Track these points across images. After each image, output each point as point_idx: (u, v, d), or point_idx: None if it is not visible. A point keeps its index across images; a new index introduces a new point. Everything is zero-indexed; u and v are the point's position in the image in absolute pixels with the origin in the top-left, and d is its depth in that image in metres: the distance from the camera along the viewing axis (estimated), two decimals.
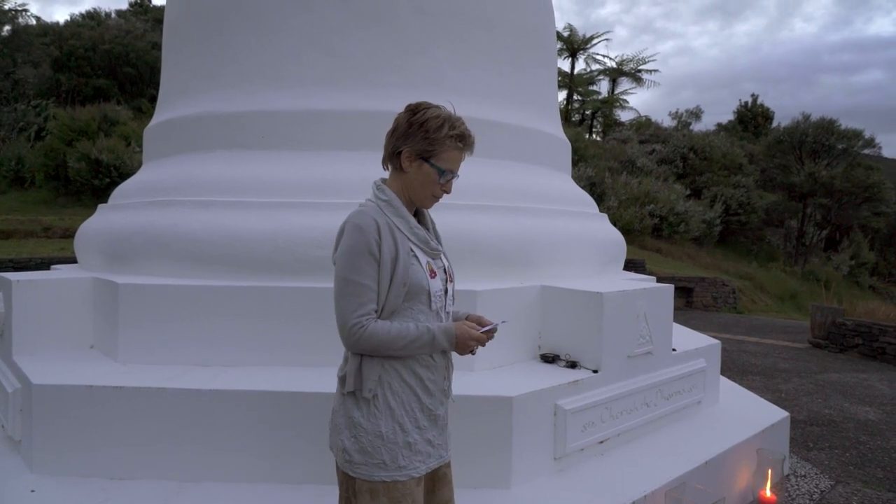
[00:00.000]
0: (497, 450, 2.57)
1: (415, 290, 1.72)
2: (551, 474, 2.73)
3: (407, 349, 1.69)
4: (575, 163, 21.78)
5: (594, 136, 33.28)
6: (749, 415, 3.76)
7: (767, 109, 34.88)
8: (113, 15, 29.42)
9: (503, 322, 1.88)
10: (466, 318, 1.88)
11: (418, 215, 1.88)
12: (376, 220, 1.68)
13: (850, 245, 24.11)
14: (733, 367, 7.12)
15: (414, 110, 1.75)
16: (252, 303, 2.99)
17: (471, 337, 1.75)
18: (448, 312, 1.87)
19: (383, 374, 1.69)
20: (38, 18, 28.41)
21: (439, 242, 1.89)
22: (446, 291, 1.86)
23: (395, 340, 1.66)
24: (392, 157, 1.78)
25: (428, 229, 1.88)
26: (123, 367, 2.93)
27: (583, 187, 21.25)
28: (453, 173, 1.78)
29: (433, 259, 1.83)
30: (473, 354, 1.82)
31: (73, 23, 27.08)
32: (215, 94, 3.67)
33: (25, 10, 27.18)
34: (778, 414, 3.82)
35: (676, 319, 4.09)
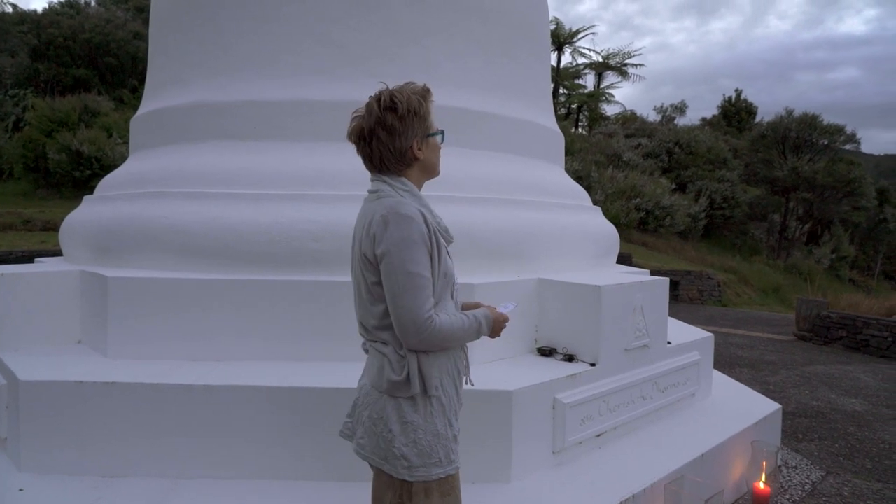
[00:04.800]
0: (497, 444, 2.55)
1: (449, 280, 1.72)
2: (550, 468, 2.72)
3: (462, 340, 1.69)
4: None
5: (580, 129, 33.35)
6: (742, 407, 3.78)
7: (751, 104, 35.18)
8: (93, 3, 28.83)
9: (516, 305, 1.95)
10: (464, 306, 1.88)
11: None
12: (420, 209, 1.63)
13: (832, 239, 24.47)
14: (721, 360, 7.18)
15: (392, 106, 1.64)
16: (246, 296, 2.94)
17: (504, 320, 1.82)
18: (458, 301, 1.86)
19: (439, 371, 1.67)
20: (14, 6, 27.77)
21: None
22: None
23: (456, 332, 1.65)
24: (401, 158, 1.68)
25: None
26: (113, 362, 2.87)
27: None
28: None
29: (449, 247, 1.81)
30: (500, 337, 1.86)
31: (52, 11, 26.48)
32: (206, 83, 3.59)
33: None
34: (770, 406, 3.85)
35: None
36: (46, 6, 27.96)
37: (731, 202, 23.28)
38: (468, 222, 3.16)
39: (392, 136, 1.65)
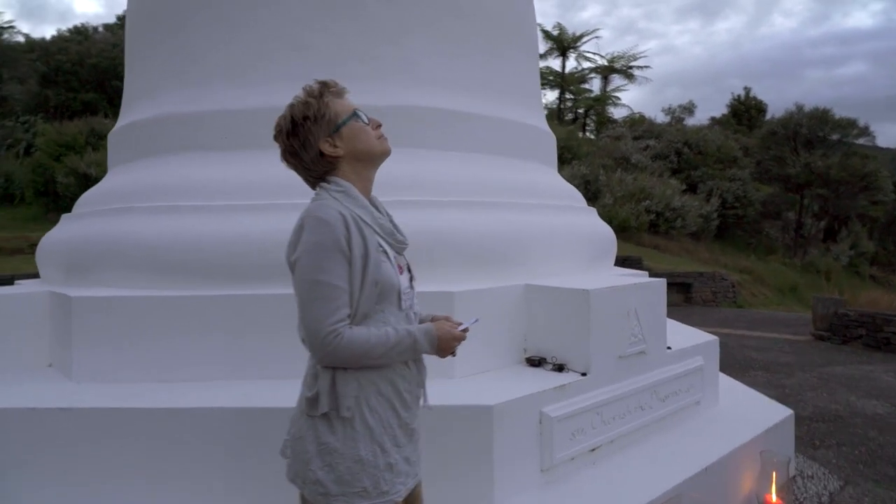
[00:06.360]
0: (477, 464, 2.36)
1: (386, 289, 1.54)
2: (539, 488, 2.53)
3: (387, 357, 1.50)
4: (568, 161, 21.62)
5: (587, 134, 33.13)
6: (751, 414, 3.55)
7: (760, 102, 34.76)
8: (100, 29, 29.25)
9: (476, 320, 1.73)
10: (432, 320, 1.71)
11: (374, 208, 1.69)
12: (342, 213, 1.48)
13: (849, 235, 23.94)
14: (734, 363, 6.92)
15: (278, 132, 1.61)
16: (217, 312, 2.79)
17: (453, 337, 1.60)
18: (416, 313, 1.70)
19: (360, 390, 1.49)
20: (27, 36, 28.26)
21: (403, 235, 1.70)
22: (412, 289, 1.68)
23: (374, 348, 1.46)
24: (320, 164, 1.59)
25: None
26: (77, 385, 2.73)
27: (577, 185, 20.73)
28: (361, 110, 1.64)
29: (398, 253, 1.65)
30: (454, 356, 1.66)
31: (60, 38, 26.92)
32: (176, 94, 3.47)
33: (12, 27, 27.07)
34: (782, 412, 3.62)
35: (675, 316, 3.90)
36: (55, 33, 28.43)
37: (743, 201, 22.90)
38: (448, 227, 3.00)
39: (297, 155, 1.59)
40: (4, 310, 3.06)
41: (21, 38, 27.76)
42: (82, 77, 24.00)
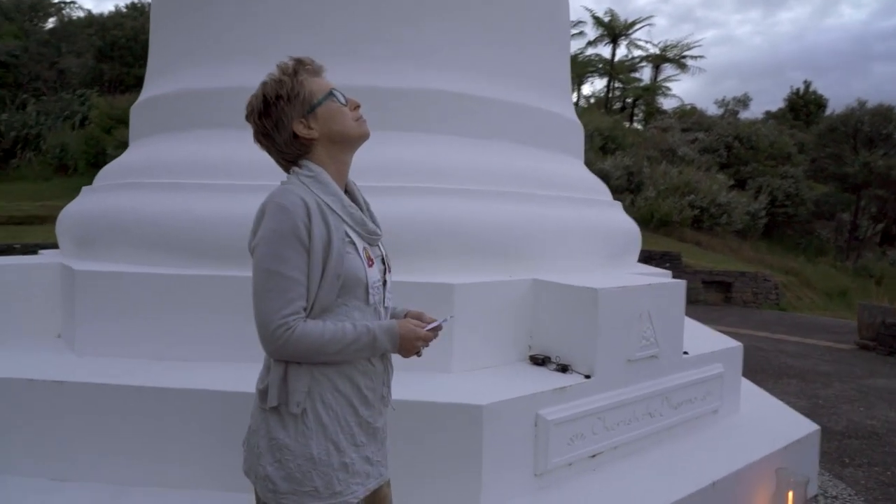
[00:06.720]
0: (465, 466, 2.27)
1: (350, 282, 1.45)
2: (532, 493, 2.42)
3: (343, 354, 1.41)
4: (612, 151, 21.10)
5: (635, 124, 32.25)
6: (773, 427, 3.35)
7: (820, 97, 33.09)
8: None
9: (448, 318, 1.64)
10: (406, 316, 1.62)
11: (349, 195, 1.60)
12: (304, 199, 1.40)
13: None
14: (768, 369, 6.62)
15: (249, 112, 1.51)
16: (218, 293, 2.76)
17: (417, 337, 1.50)
18: (387, 308, 1.60)
19: (313, 385, 1.42)
20: (88, 11, 29.11)
21: (377, 225, 1.60)
22: (385, 283, 1.59)
23: (328, 344, 1.39)
24: (293, 146, 1.50)
25: (361, 209, 1.60)
26: (78, 359, 2.76)
27: (619, 177, 19.99)
28: (338, 90, 1.52)
29: (370, 245, 1.56)
30: (419, 356, 1.57)
31: (117, 13, 27.64)
32: (193, 70, 3.45)
33: (73, 2, 27.93)
34: (806, 427, 3.40)
35: (711, 315, 3.71)
36: (113, 9, 29.22)
37: (794, 199, 21.92)
38: (454, 215, 2.89)
39: (269, 137, 1.50)
40: (18, 279, 3.12)
41: (82, 14, 28.67)
42: (136, 52, 24.55)
